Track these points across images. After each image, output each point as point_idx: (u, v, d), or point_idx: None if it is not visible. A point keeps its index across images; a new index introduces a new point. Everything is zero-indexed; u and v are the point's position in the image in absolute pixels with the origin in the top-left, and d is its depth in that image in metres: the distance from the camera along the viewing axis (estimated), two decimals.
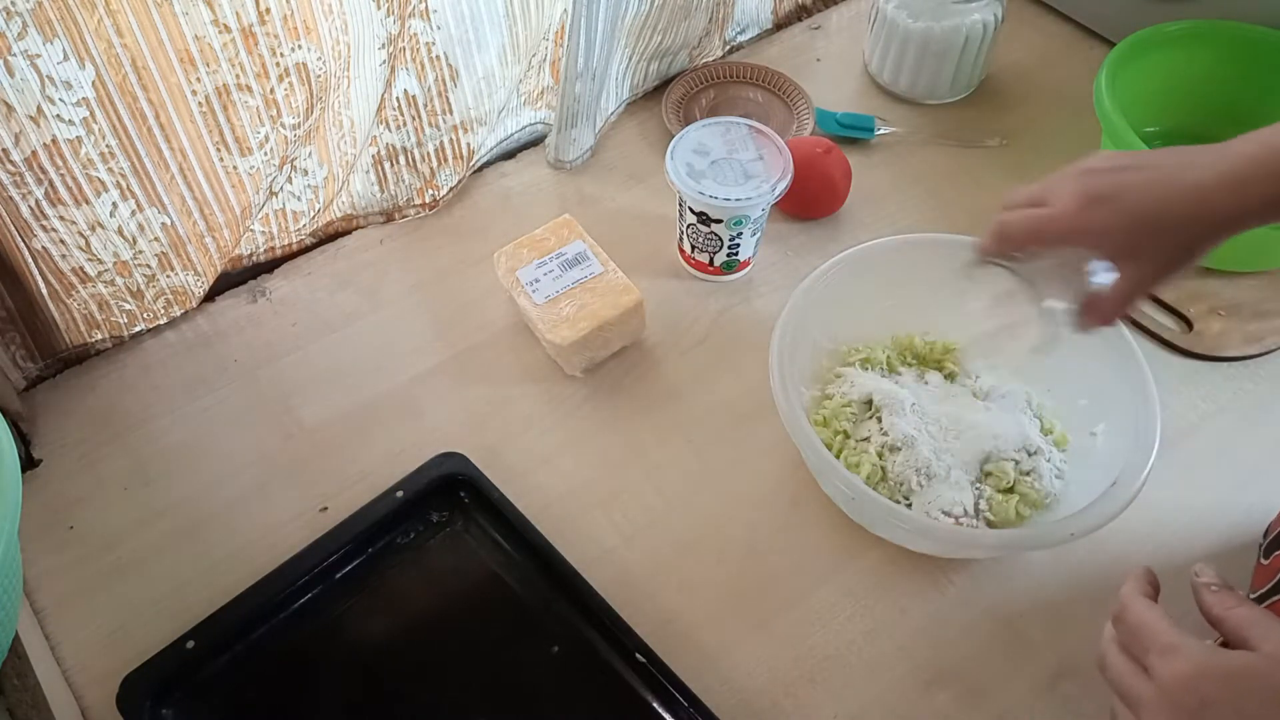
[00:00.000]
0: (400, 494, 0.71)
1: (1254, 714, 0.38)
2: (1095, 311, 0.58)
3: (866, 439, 0.72)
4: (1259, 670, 0.39)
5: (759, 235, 0.84)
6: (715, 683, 0.64)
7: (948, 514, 0.68)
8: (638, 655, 0.64)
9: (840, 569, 0.71)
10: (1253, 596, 0.54)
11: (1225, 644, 0.43)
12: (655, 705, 0.63)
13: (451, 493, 0.72)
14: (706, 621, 0.68)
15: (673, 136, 0.82)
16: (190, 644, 0.64)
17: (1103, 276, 0.57)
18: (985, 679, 0.66)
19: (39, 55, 0.62)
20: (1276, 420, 0.78)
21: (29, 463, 0.75)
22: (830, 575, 0.70)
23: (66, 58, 0.63)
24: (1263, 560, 0.61)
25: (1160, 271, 0.54)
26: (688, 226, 0.83)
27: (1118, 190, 0.53)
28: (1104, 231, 0.53)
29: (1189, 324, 0.82)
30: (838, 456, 0.71)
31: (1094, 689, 0.64)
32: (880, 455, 0.71)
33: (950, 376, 0.77)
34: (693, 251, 0.85)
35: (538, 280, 0.79)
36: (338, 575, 0.69)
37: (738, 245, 0.83)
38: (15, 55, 0.61)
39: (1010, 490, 0.70)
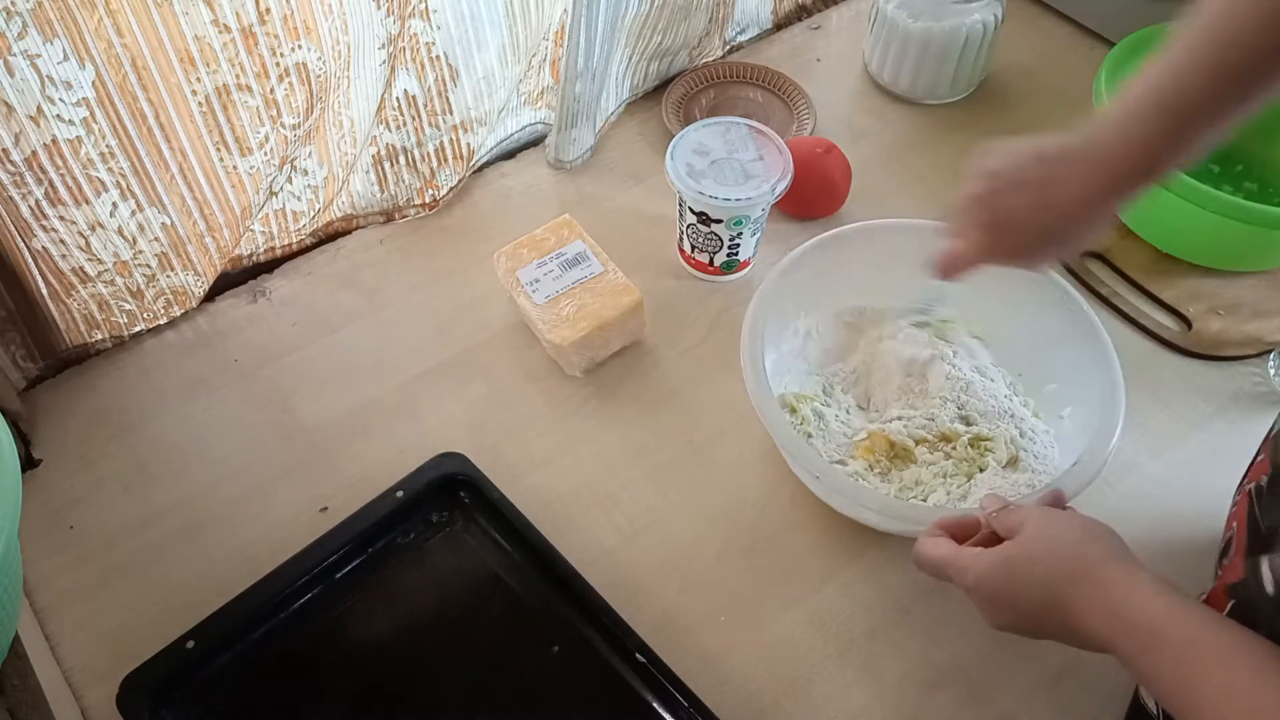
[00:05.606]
0: (400, 494, 0.71)
1: (1021, 583, 0.52)
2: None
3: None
4: (1013, 554, 0.53)
5: (759, 235, 0.84)
6: (715, 683, 0.64)
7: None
8: (638, 655, 0.64)
9: (840, 569, 0.71)
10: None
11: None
12: (655, 705, 0.63)
13: (451, 493, 0.72)
14: (706, 621, 0.68)
15: (673, 136, 0.82)
16: (190, 644, 0.64)
17: None
18: (985, 679, 0.66)
19: (39, 55, 0.62)
20: (1275, 419, 0.78)
21: (29, 463, 0.75)
22: (830, 575, 0.70)
23: (66, 58, 0.63)
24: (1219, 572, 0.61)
25: (1071, 253, 0.61)
26: (688, 226, 0.83)
27: (1017, 212, 0.58)
28: (1018, 250, 0.60)
29: (1188, 323, 0.82)
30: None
31: (1094, 689, 0.65)
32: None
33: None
34: (693, 251, 0.85)
35: (538, 280, 0.79)
36: (338, 575, 0.69)
37: (738, 245, 0.83)
38: (15, 55, 0.61)
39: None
